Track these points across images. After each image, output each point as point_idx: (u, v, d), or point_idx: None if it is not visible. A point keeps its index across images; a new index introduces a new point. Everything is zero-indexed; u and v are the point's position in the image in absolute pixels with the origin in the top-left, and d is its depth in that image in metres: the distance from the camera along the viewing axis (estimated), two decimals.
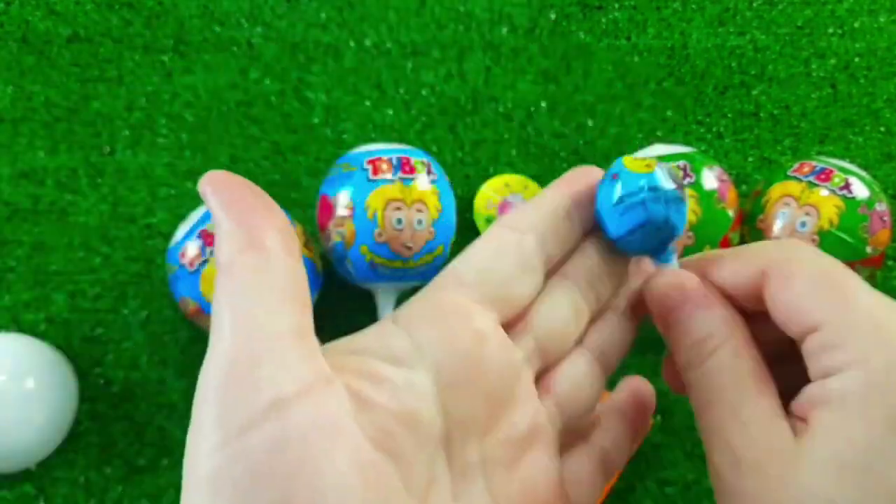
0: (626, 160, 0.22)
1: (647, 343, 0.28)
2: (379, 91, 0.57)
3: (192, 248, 0.44)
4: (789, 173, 0.47)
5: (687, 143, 0.56)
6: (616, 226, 0.22)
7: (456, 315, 0.20)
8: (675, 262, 0.22)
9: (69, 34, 0.57)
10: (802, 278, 0.19)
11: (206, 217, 0.45)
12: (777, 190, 0.47)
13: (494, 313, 0.21)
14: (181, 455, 0.19)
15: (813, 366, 0.18)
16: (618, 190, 0.21)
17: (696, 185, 0.45)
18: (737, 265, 0.21)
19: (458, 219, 0.48)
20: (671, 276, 0.21)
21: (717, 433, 0.19)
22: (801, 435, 0.18)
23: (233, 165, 0.54)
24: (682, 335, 0.21)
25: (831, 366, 0.18)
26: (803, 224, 0.45)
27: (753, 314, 0.21)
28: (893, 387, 0.17)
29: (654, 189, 0.21)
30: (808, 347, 0.18)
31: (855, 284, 0.19)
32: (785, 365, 0.20)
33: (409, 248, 0.45)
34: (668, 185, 0.21)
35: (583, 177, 0.23)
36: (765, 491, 0.18)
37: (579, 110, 0.57)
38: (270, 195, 0.56)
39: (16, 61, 0.56)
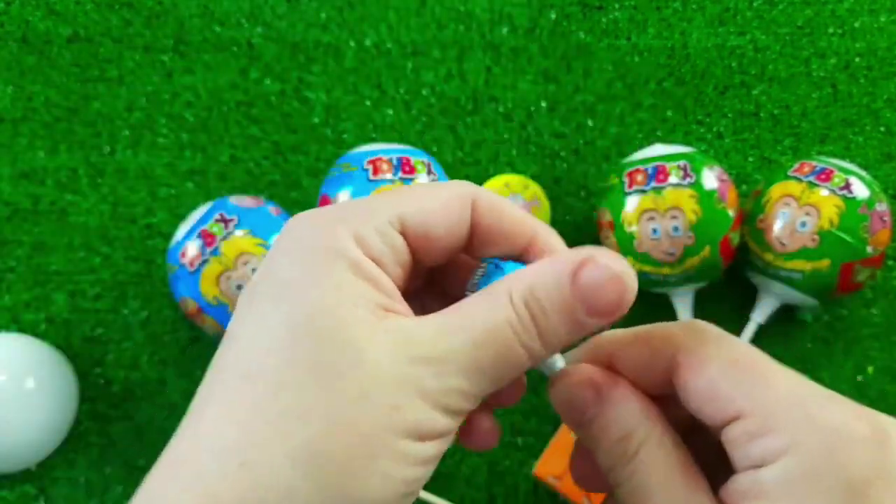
0: None
1: None
2: (379, 91, 0.57)
3: (193, 248, 0.44)
4: (789, 173, 0.47)
5: (687, 143, 0.56)
6: None
7: None
8: (559, 363, 0.21)
9: (69, 34, 0.57)
10: (716, 365, 0.18)
11: (207, 217, 0.45)
12: (777, 190, 0.47)
13: None
14: None
15: (738, 454, 0.18)
16: None
17: (697, 185, 0.45)
18: (643, 353, 0.20)
19: None
20: (577, 375, 0.20)
21: None
22: None
23: (233, 165, 0.54)
24: (601, 434, 0.20)
25: (761, 455, 0.17)
26: (803, 224, 0.45)
27: (655, 396, 0.20)
28: (832, 469, 0.16)
29: None
30: (731, 436, 0.18)
31: (770, 366, 0.18)
32: (689, 436, 0.20)
33: None
34: None
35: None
36: None
37: (579, 110, 0.57)
38: (271, 195, 0.56)
39: (16, 61, 0.56)
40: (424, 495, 0.46)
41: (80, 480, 0.47)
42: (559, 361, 0.21)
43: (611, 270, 0.18)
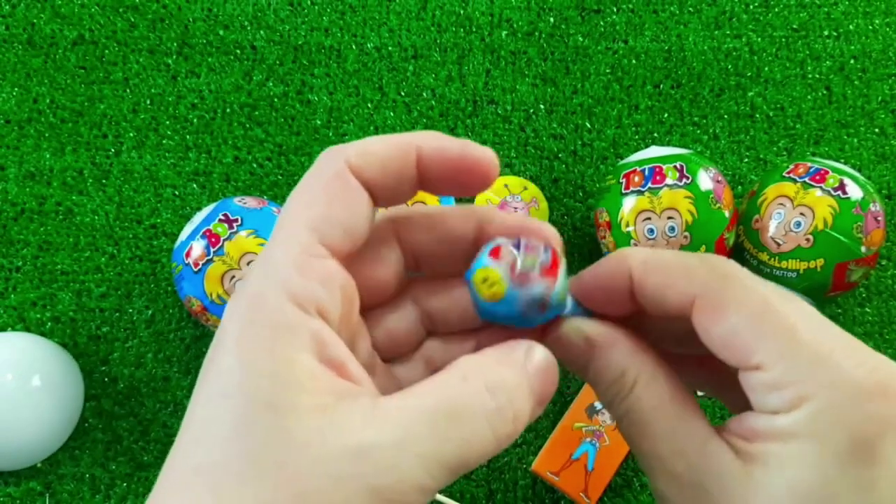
0: (477, 283, 0.20)
1: None
2: (380, 93, 0.57)
3: (197, 248, 0.44)
4: (784, 174, 0.48)
5: (683, 145, 0.56)
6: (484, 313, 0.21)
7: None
8: (569, 306, 0.21)
9: (75, 36, 0.58)
10: (738, 311, 0.18)
11: (211, 217, 0.45)
12: (772, 191, 0.48)
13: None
14: None
15: (755, 398, 0.18)
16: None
17: (693, 186, 0.46)
18: (663, 283, 0.20)
19: None
20: (570, 327, 0.21)
21: (656, 463, 0.19)
22: (750, 462, 0.18)
23: (237, 167, 0.55)
24: (597, 377, 0.21)
25: (778, 405, 0.18)
26: (798, 224, 0.46)
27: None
28: (841, 425, 0.17)
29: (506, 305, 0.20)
30: (750, 383, 0.18)
31: (794, 314, 0.18)
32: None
33: None
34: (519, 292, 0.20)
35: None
36: None
37: (577, 112, 0.57)
38: (274, 196, 0.56)
39: (22, 63, 0.57)
40: None
41: (86, 477, 0.48)
42: (569, 302, 0.22)
43: (549, 359, 0.19)
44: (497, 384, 0.18)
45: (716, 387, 0.23)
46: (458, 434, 0.17)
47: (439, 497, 0.46)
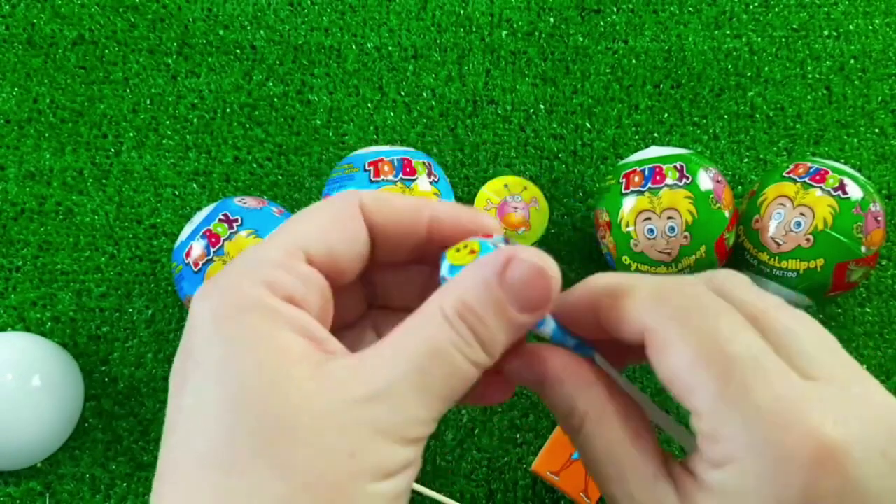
0: (450, 254, 0.20)
1: None
2: (380, 93, 0.57)
3: (197, 248, 0.44)
4: (784, 174, 0.48)
5: (683, 145, 0.56)
6: None
7: None
8: (549, 322, 0.21)
9: (75, 36, 0.58)
10: (682, 350, 0.18)
11: (211, 217, 0.45)
12: (772, 191, 0.48)
13: None
14: None
15: (699, 442, 0.18)
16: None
17: (693, 186, 0.46)
18: (616, 317, 0.20)
19: None
20: (522, 360, 0.21)
21: (610, 497, 0.19)
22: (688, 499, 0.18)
23: (237, 167, 0.55)
24: (552, 409, 0.21)
25: (712, 457, 0.17)
26: (798, 224, 0.46)
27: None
28: (766, 494, 0.16)
29: None
30: (692, 425, 0.18)
31: (743, 355, 0.17)
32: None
33: None
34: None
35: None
36: None
37: (577, 112, 0.57)
38: (274, 196, 0.56)
39: (21, 63, 0.57)
40: (426, 491, 0.47)
41: (86, 477, 0.48)
42: (550, 322, 0.21)
43: (535, 265, 0.18)
44: (458, 312, 0.18)
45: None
46: (439, 370, 0.18)
47: (439, 497, 0.47)
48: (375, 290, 0.24)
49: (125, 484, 0.48)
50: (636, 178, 0.47)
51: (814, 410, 0.16)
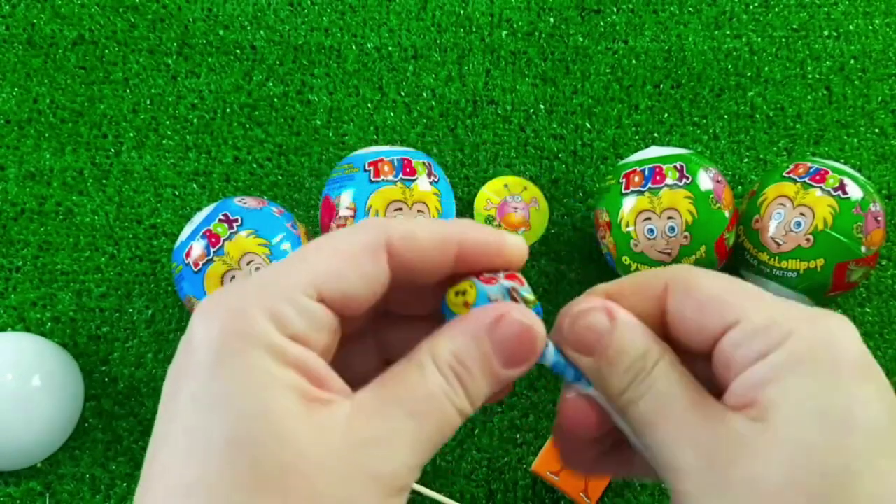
0: (450, 296, 0.21)
1: None
2: (380, 94, 0.57)
3: (197, 248, 0.44)
4: (784, 174, 0.48)
5: (683, 145, 0.56)
6: None
7: None
8: (550, 353, 0.21)
9: (75, 37, 0.58)
10: (709, 284, 0.20)
11: (211, 217, 0.45)
12: (772, 191, 0.48)
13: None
14: None
15: (740, 353, 0.19)
16: None
17: (693, 186, 0.46)
18: (637, 289, 0.21)
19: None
20: (591, 305, 0.21)
21: (679, 441, 0.19)
22: (762, 419, 0.18)
23: (237, 167, 0.55)
24: (617, 356, 0.20)
25: (766, 345, 0.19)
26: (798, 224, 0.46)
27: None
28: (832, 350, 0.18)
29: None
30: (732, 340, 0.19)
31: (757, 288, 0.20)
32: None
33: None
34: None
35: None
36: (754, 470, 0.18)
37: (577, 112, 0.57)
38: (274, 196, 0.56)
39: (21, 63, 0.57)
40: (426, 491, 0.47)
41: (86, 477, 0.48)
42: (550, 352, 0.22)
43: (523, 324, 0.20)
44: (449, 363, 0.19)
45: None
46: (433, 417, 0.19)
47: (439, 497, 0.47)
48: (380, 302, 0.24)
49: (125, 484, 0.48)
50: (636, 178, 0.47)
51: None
